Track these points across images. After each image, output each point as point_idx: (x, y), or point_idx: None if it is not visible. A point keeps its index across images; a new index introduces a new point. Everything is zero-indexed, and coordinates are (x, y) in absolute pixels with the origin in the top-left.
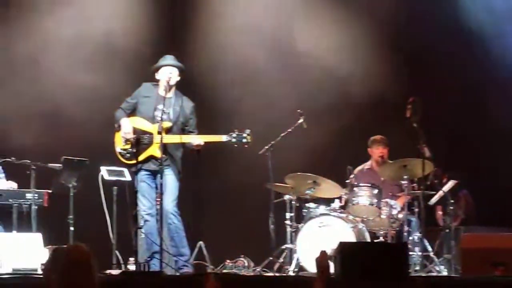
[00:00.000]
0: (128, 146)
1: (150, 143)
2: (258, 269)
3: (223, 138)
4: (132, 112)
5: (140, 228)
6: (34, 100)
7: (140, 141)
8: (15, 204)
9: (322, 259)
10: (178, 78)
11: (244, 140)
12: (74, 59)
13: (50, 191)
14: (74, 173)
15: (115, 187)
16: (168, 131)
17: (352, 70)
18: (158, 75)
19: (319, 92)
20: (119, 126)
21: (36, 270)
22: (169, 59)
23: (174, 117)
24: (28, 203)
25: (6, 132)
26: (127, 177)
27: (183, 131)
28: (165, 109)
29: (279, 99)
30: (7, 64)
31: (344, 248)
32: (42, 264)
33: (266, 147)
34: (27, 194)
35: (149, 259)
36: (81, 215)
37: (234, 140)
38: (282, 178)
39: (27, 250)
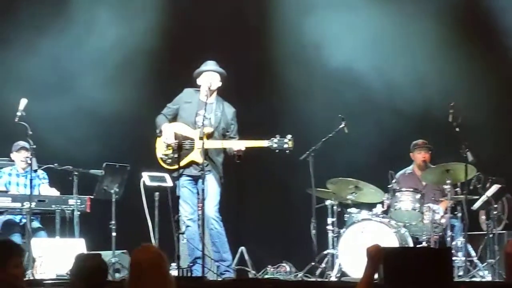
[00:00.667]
0: (169, 152)
1: (191, 149)
2: (300, 275)
3: (265, 143)
4: (174, 117)
5: (182, 233)
6: (76, 107)
7: (181, 146)
8: (58, 210)
9: (375, 251)
10: (219, 84)
11: (286, 146)
12: (111, 65)
13: (92, 196)
14: (116, 178)
15: (157, 193)
16: (209, 136)
17: (395, 76)
18: (199, 81)
19: (360, 97)
20: (161, 132)
21: None
22: (210, 64)
23: (215, 123)
24: (71, 209)
25: (48, 139)
26: (169, 182)
27: (224, 136)
28: (206, 115)
29: (320, 104)
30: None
31: (387, 253)
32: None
33: (308, 152)
34: (69, 200)
35: (191, 264)
36: (123, 220)
37: (275, 145)
38: (323, 183)
39: (70, 256)
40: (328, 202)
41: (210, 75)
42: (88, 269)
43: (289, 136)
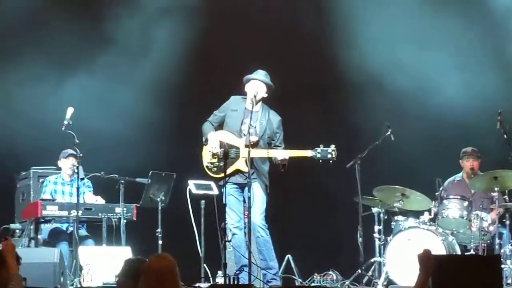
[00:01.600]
0: (215, 160)
1: (236, 157)
2: (347, 283)
3: (308, 153)
4: (220, 124)
5: (229, 241)
6: (122, 115)
7: (227, 155)
8: (104, 218)
9: (426, 257)
10: (265, 95)
11: (329, 156)
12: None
13: (138, 205)
14: (162, 187)
15: (203, 201)
16: (254, 145)
17: (442, 83)
18: (246, 87)
19: (407, 104)
20: (206, 140)
21: None
22: (259, 74)
23: (260, 131)
24: (117, 217)
25: (95, 148)
26: (215, 190)
27: (270, 145)
28: (252, 123)
29: (366, 111)
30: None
31: (435, 260)
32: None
33: (354, 160)
34: (116, 208)
35: (238, 272)
36: (169, 228)
37: (318, 155)
38: (370, 191)
39: (117, 264)
40: (374, 210)
41: (257, 84)
42: (137, 270)
43: (332, 146)
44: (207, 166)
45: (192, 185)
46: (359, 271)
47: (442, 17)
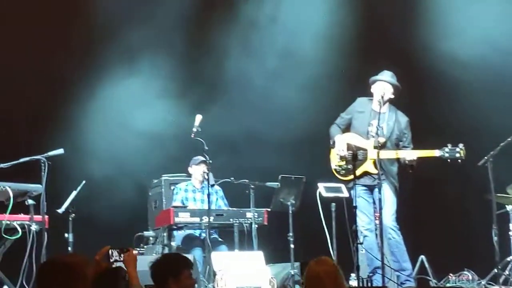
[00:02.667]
0: (343, 163)
1: (364, 159)
2: (483, 283)
3: (436, 153)
4: (346, 127)
5: (360, 243)
6: (246, 120)
7: (356, 157)
8: (236, 224)
9: None
10: (392, 96)
11: (458, 155)
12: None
13: (269, 209)
14: (292, 190)
15: (333, 204)
16: (382, 146)
17: None
18: (373, 88)
19: None
20: (334, 143)
21: None
22: (386, 75)
23: (388, 132)
24: (249, 222)
25: (225, 154)
26: (345, 193)
27: (397, 146)
28: (379, 124)
29: (494, 107)
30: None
31: None
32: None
33: (486, 158)
34: (247, 213)
35: (371, 274)
36: (301, 232)
37: (446, 155)
38: (503, 189)
39: (250, 269)
40: (509, 208)
41: (383, 85)
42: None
43: (460, 145)
44: (335, 169)
45: (322, 188)
46: (495, 270)
47: None
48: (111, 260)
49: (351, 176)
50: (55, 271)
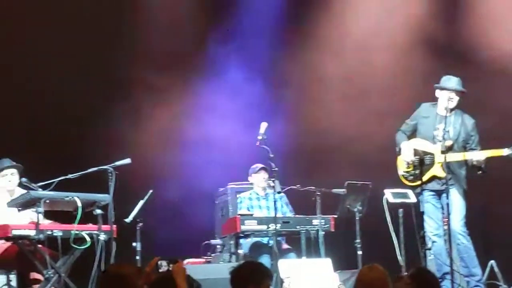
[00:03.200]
0: (410, 169)
1: (432, 164)
2: None
3: (504, 152)
4: (412, 133)
5: (429, 249)
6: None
7: (423, 162)
8: (302, 231)
9: None
10: (455, 104)
11: None
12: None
13: (336, 216)
14: (359, 197)
15: (401, 209)
16: (449, 149)
17: None
18: (437, 94)
19: None
20: (400, 149)
21: None
22: (453, 82)
23: (454, 136)
24: (315, 229)
25: (290, 161)
26: (412, 199)
27: (465, 148)
28: (445, 128)
29: None
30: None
31: None
32: None
33: None
34: (313, 220)
35: (440, 280)
36: (368, 238)
37: None
38: None
39: (318, 276)
40: None
41: (450, 95)
42: None
43: None
44: (402, 175)
45: (389, 194)
46: None
47: None
48: (160, 271)
49: (419, 182)
50: (110, 282)
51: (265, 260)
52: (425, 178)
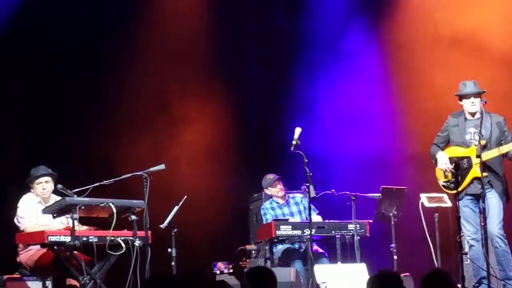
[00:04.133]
0: (449, 177)
1: (470, 166)
2: None
3: None
4: (446, 144)
5: (465, 253)
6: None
7: (459, 166)
8: (338, 236)
9: None
10: (478, 106)
11: None
12: None
13: (371, 220)
14: (394, 201)
15: (436, 214)
16: (483, 148)
17: None
18: (460, 102)
19: None
20: (436, 160)
21: None
22: (469, 86)
23: (487, 134)
24: (351, 233)
25: (325, 167)
26: (448, 203)
27: (499, 145)
28: (476, 130)
29: None
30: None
31: None
32: None
33: None
34: (349, 225)
35: (476, 284)
36: (404, 243)
37: None
38: None
39: (352, 281)
40: None
41: (472, 100)
42: None
43: None
44: (443, 185)
45: (424, 199)
46: None
47: None
48: (217, 273)
49: (461, 188)
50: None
51: (298, 265)
52: (467, 180)
